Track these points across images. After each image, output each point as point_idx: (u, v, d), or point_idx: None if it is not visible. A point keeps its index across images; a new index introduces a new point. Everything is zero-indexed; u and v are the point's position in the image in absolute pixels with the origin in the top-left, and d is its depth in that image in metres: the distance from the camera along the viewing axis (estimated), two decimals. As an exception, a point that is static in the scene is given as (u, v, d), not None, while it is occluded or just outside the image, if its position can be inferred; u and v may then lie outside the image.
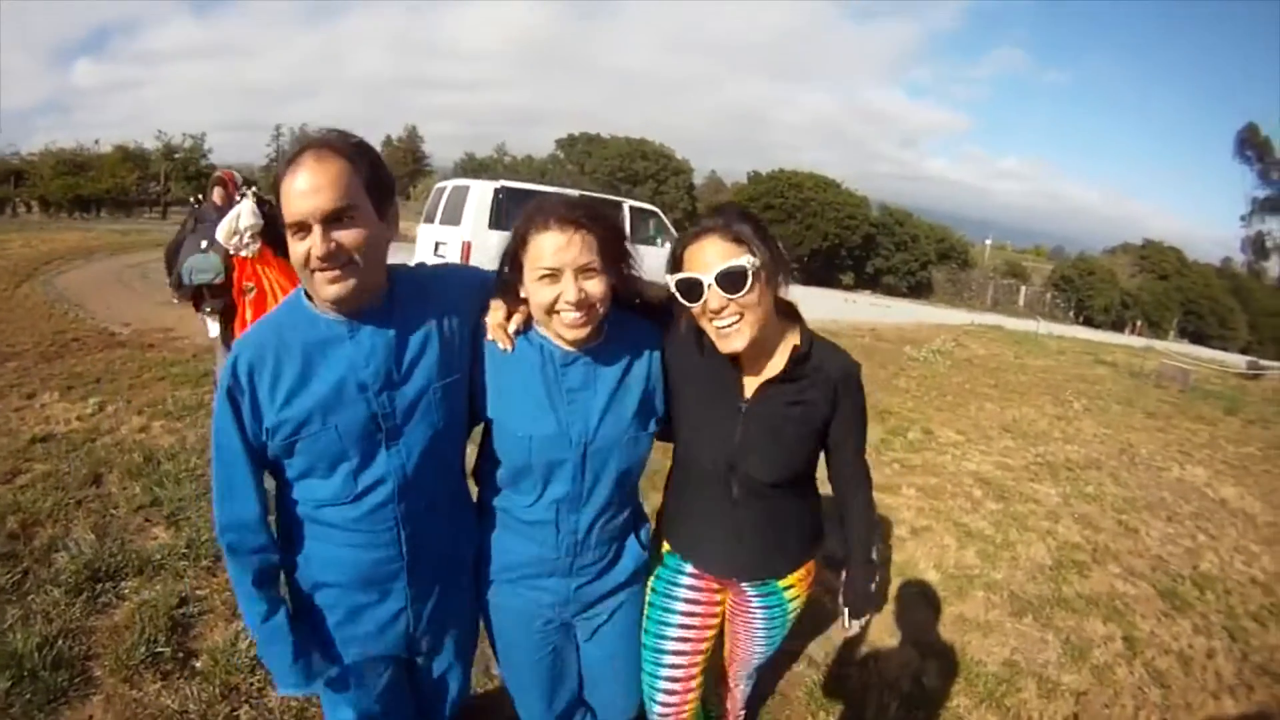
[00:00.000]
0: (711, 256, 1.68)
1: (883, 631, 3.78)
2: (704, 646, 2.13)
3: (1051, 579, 4.57)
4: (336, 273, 1.54)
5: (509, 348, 1.79)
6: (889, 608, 4.03)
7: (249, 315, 4.72)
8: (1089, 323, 43.17)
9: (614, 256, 1.74)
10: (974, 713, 3.26)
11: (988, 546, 4.89)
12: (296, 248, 1.54)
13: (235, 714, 2.80)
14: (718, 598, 2.14)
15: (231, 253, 4.71)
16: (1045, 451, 7.48)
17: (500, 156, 59.28)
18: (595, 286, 1.69)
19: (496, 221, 10.44)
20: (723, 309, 1.69)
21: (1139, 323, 45.00)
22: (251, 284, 4.75)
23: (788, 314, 1.89)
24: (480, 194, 10.80)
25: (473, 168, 49.47)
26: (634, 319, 1.90)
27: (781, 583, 2.09)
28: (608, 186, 40.56)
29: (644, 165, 47.92)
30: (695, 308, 1.73)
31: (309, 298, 1.65)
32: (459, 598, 1.92)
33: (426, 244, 11.74)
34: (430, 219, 11.95)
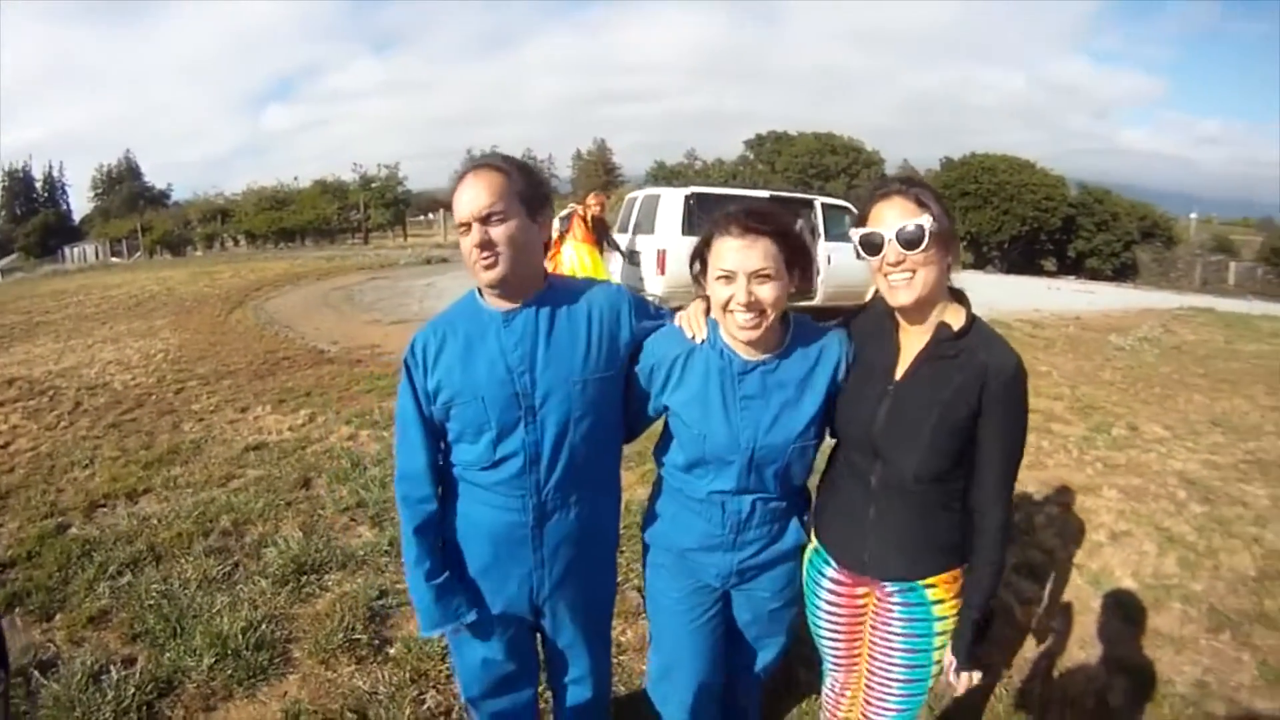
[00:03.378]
0: (894, 215, 1.78)
1: (1073, 644, 3.58)
2: (857, 649, 2.14)
3: (1254, 591, 4.15)
4: (489, 259, 1.83)
5: (697, 335, 1.97)
6: (1084, 618, 3.80)
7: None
8: (1306, 298, 38.78)
9: (794, 264, 1.87)
10: (1157, 735, 3.03)
11: (1189, 554, 4.51)
12: (463, 243, 1.86)
13: (422, 697, 2.97)
14: (860, 601, 2.08)
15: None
16: (1257, 448, 6.78)
17: (691, 162, 59.41)
18: (767, 292, 1.81)
19: (689, 227, 10.41)
20: (899, 263, 1.77)
21: (1363, 296, 40.00)
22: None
23: (958, 300, 1.90)
24: (671, 201, 10.90)
25: (664, 175, 49.83)
26: (820, 328, 2.02)
27: (924, 582, 1.94)
28: (799, 184, 40.03)
29: (834, 160, 46.82)
30: (874, 261, 1.82)
31: (480, 293, 1.97)
32: (590, 574, 2.11)
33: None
34: (624, 228, 12.11)
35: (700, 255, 1.92)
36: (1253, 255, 44.28)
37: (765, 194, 12.10)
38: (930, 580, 1.93)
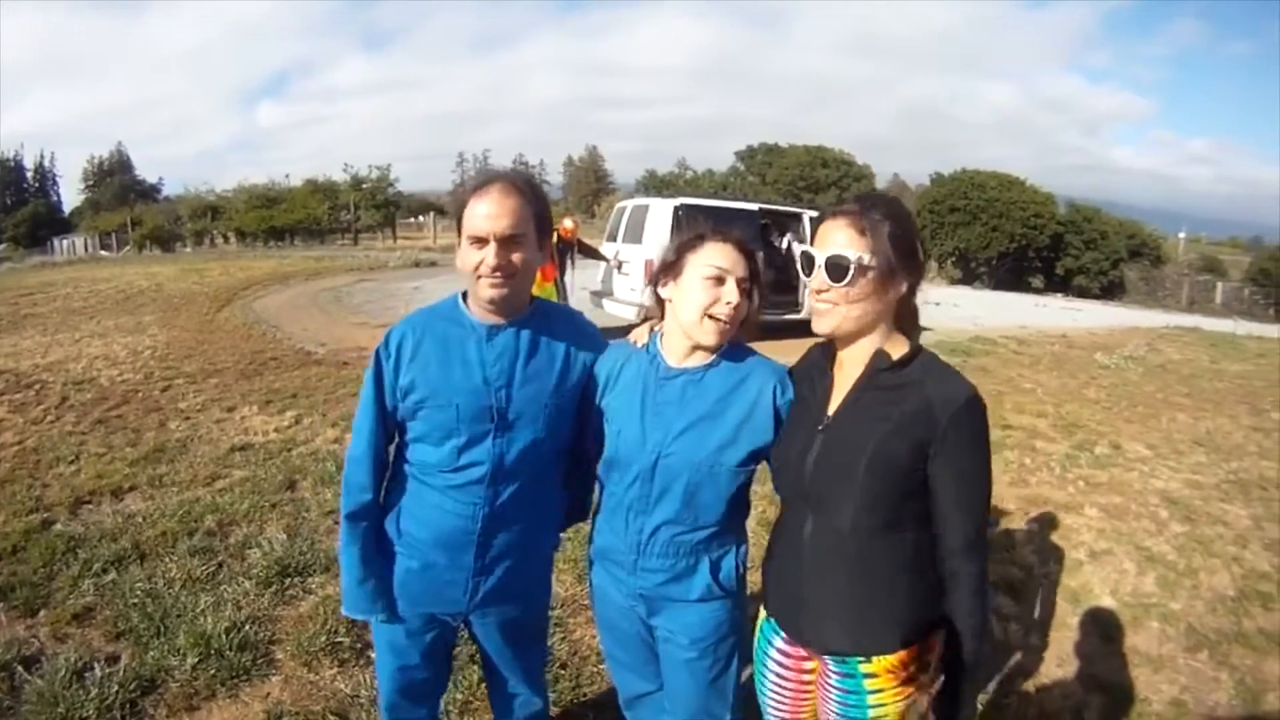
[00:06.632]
0: (833, 239, 1.65)
1: (1050, 661, 3.60)
2: None
3: (1232, 611, 4.19)
4: (500, 280, 1.85)
5: (638, 341, 2.05)
6: (1060, 635, 3.83)
7: None
8: (1293, 320, 39.00)
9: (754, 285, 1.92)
10: (1133, 754, 3.04)
11: (1169, 573, 4.56)
12: (470, 256, 1.87)
13: (402, 702, 2.97)
14: (807, 675, 1.88)
15: None
16: (1239, 468, 6.85)
17: (681, 172, 59.48)
18: (743, 301, 1.86)
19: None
20: (823, 291, 1.66)
21: (1349, 318, 40.21)
22: None
23: (904, 332, 1.75)
24: (660, 212, 11.01)
25: (654, 185, 49.96)
26: (755, 354, 2.00)
27: (863, 665, 1.70)
28: (789, 197, 40.14)
29: (824, 173, 46.85)
30: (807, 280, 1.71)
31: (464, 300, 2.00)
32: (526, 585, 2.14)
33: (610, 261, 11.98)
34: (613, 237, 12.19)
35: (671, 269, 1.96)
36: (1240, 275, 44.55)
37: (755, 206, 12.23)
38: (869, 667, 1.70)
